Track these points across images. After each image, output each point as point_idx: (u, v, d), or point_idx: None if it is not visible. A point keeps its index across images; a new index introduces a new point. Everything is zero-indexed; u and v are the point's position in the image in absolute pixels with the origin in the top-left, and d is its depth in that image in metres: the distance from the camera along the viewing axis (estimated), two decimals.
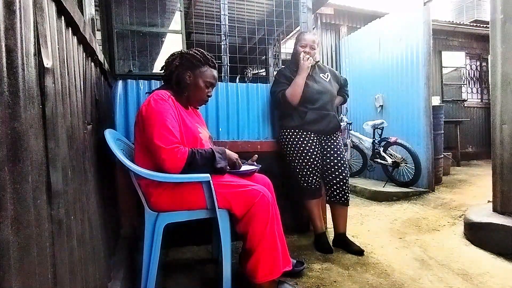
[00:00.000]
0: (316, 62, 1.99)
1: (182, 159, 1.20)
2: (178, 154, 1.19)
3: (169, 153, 1.18)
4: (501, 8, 1.96)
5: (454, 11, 8.20)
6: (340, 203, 1.93)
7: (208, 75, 1.40)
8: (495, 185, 2.03)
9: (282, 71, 2.00)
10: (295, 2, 2.36)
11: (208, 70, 1.40)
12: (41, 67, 0.61)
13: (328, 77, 1.99)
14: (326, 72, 2.02)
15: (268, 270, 1.25)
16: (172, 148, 1.19)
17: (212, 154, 1.28)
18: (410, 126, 3.53)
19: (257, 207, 1.23)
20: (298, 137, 1.90)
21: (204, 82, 1.39)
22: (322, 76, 1.97)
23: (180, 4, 2.14)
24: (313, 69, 1.96)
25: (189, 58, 1.38)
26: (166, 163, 1.19)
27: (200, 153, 1.25)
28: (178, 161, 1.19)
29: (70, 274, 0.71)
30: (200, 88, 1.39)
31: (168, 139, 1.19)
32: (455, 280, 1.53)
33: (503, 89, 1.97)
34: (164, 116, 1.23)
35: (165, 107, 1.25)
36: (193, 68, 1.38)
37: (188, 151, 1.22)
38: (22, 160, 0.51)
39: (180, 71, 1.37)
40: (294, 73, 1.92)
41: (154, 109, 1.23)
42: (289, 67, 2.00)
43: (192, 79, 1.38)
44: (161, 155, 1.18)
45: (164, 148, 1.18)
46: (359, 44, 4.35)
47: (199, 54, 1.40)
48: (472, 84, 6.46)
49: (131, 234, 1.75)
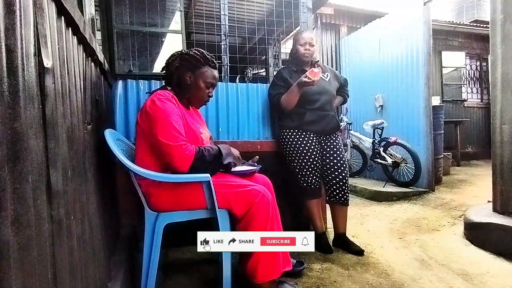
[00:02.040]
0: (316, 62, 1.99)
1: (191, 155, 1.21)
2: (187, 151, 1.20)
3: (178, 150, 1.19)
4: (501, 8, 1.96)
5: (454, 11, 8.20)
6: (340, 203, 1.93)
7: (208, 75, 1.39)
8: (495, 185, 2.03)
9: (280, 72, 2.00)
10: (295, 2, 2.36)
11: (208, 70, 1.40)
12: (41, 67, 0.61)
13: (328, 77, 1.99)
14: (326, 72, 2.02)
15: (268, 270, 1.25)
16: (180, 145, 1.20)
17: (219, 151, 1.30)
18: (410, 126, 3.53)
19: (257, 207, 1.24)
20: (297, 137, 1.90)
21: (205, 83, 1.39)
22: (322, 76, 1.97)
23: (180, 4, 2.14)
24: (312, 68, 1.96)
25: (189, 59, 1.38)
26: (175, 160, 1.19)
27: (207, 149, 1.27)
28: (186, 157, 1.20)
29: (70, 274, 0.71)
30: (201, 89, 1.39)
31: (175, 137, 1.20)
32: (455, 280, 1.53)
33: (503, 89, 1.97)
34: (170, 115, 1.23)
35: (170, 106, 1.26)
36: (193, 68, 1.38)
37: (195, 148, 1.23)
38: (22, 160, 0.51)
39: (181, 72, 1.37)
40: (293, 74, 1.92)
41: (160, 107, 1.23)
42: (289, 67, 2.00)
43: (192, 80, 1.38)
44: (170, 152, 1.19)
45: (172, 145, 1.18)
46: (359, 44, 4.34)
47: (199, 54, 1.39)
48: (472, 84, 6.45)
49: (131, 234, 1.75)
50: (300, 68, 1.95)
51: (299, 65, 1.96)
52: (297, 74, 1.91)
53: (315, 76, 1.71)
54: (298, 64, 1.96)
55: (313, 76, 1.71)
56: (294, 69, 1.94)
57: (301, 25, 2.32)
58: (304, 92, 1.85)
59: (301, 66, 1.95)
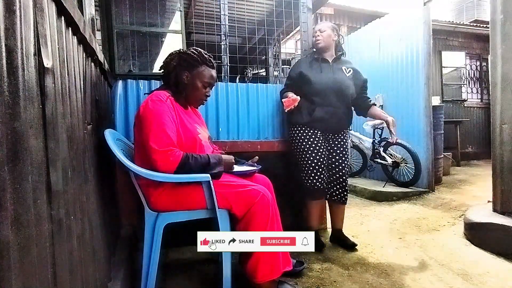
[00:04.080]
0: (340, 54, 2.00)
1: (175, 161, 1.19)
2: (171, 157, 1.19)
3: (162, 155, 1.18)
4: (501, 8, 1.95)
5: (454, 11, 8.20)
6: (339, 202, 1.96)
7: (205, 75, 1.39)
8: (495, 185, 2.03)
9: (300, 62, 2.03)
10: (295, 2, 2.36)
11: (205, 70, 1.39)
12: (41, 67, 0.61)
13: (349, 72, 1.98)
14: (350, 68, 2.00)
15: (268, 270, 1.25)
16: (166, 150, 1.19)
17: (208, 160, 1.26)
18: (410, 126, 3.53)
19: (257, 207, 1.23)
20: (306, 135, 1.90)
21: (202, 82, 1.38)
22: (344, 69, 1.97)
23: (180, 4, 2.14)
24: (335, 60, 1.98)
25: (186, 58, 1.37)
26: (158, 164, 1.19)
27: (195, 157, 1.24)
28: (170, 163, 1.19)
29: (70, 274, 0.71)
30: (198, 89, 1.38)
31: (162, 141, 1.19)
32: (455, 280, 1.53)
33: (503, 89, 1.97)
34: (161, 118, 1.22)
35: (162, 108, 1.24)
36: (190, 68, 1.37)
37: (182, 155, 1.22)
38: (22, 160, 0.51)
39: (178, 72, 1.36)
40: (314, 62, 1.95)
41: (151, 110, 1.23)
42: (312, 55, 2.03)
43: (190, 79, 1.37)
44: (153, 156, 1.18)
45: (157, 150, 1.18)
46: (359, 44, 4.34)
47: (197, 53, 1.38)
48: (472, 84, 6.45)
49: (131, 234, 1.75)
50: (320, 56, 1.97)
51: (318, 53, 1.99)
52: (317, 62, 1.94)
53: (287, 106, 1.78)
54: (317, 52, 1.99)
55: (285, 106, 1.78)
56: (316, 56, 1.98)
57: (301, 25, 2.32)
58: (315, 83, 1.87)
59: (320, 54, 1.98)
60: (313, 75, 1.89)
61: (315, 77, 1.88)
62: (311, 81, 1.87)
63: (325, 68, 1.93)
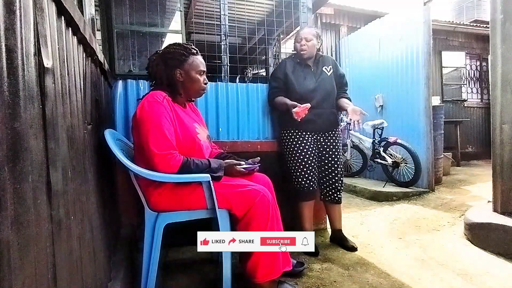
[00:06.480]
0: (320, 56, 1.99)
1: (175, 166, 1.20)
2: (171, 161, 1.19)
3: (162, 159, 1.18)
4: (501, 8, 1.96)
5: (454, 11, 8.20)
6: (333, 202, 1.96)
7: (197, 64, 1.38)
8: (495, 185, 2.03)
9: (284, 63, 1.99)
10: (295, 2, 2.36)
11: (195, 59, 1.38)
12: (41, 67, 0.61)
13: (330, 70, 1.98)
14: (330, 65, 1.99)
15: (268, 270, 1.25)
16: (166, 154, 1.19)
17: (209, 166, 1.26)
18: (410, 126, 3.53)
19: (257, 207, 1.23)
20: (295, 138, 1.91)
21: (197, 72, 1.37)
22: (325, 69, 1.96)
23: (180, 4, 2.14)
24: (316, 63, 1.97)
25: (172, 57, 1.35)
26: (159, 168, 1.19)
27: (196, 163, 1.24)
28: (170, 167, 1.19)
29: (70, 274, 0.71)
30: (195, 80, 1.38)
31: (162, 144, 1.19)
32: (455, 280, 1.53)
33: (503, 89, 1.97)
34: (159, 120, 1.21)
35: (159, 109, 1.23)
36: (180, 64, 1.35)
37: (182, 160, 1.22)
38: (22, 160, 0.51)
39: (169, 72, 1.35)
40: (296, 66, 1.95)
41: (148, 112, 1.22)
42: (294, 58, 2.00)
43: (184, 75, 1.36)
44: (154, 160, 1.18)
45: (157, 153, 1.17)
46: (359, 44, 4.34)
47: (180, 47, 1.37)
48: (472, 84, 6.46)
49: (131, 234, 1.75)
50: (303, 62, 1.95)
51: (302, 60, 1.96)
52: (300, 67, 1.94)
53: (299, 116, 1.75)
54: (300, 58, 1.96)
55: (297, 116, 1.75)
56: (298, 61, 1.96)
57: (301, 25, 2.32)
58: (299, 89, 1.88)
59: (304, 61, 1.95)
60: (298, 81, 1.91)
61: (300, 84, 1.90)
62: (295, 88, 1.89)
63: (309, 74, 1.93)
